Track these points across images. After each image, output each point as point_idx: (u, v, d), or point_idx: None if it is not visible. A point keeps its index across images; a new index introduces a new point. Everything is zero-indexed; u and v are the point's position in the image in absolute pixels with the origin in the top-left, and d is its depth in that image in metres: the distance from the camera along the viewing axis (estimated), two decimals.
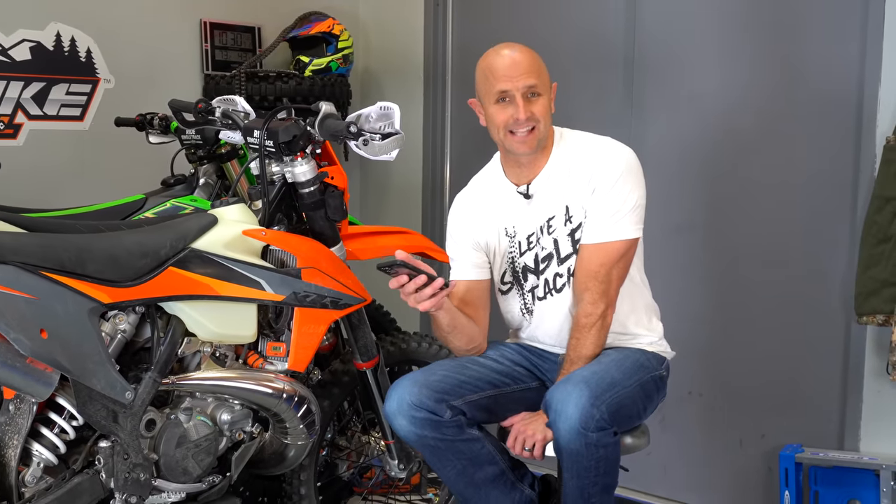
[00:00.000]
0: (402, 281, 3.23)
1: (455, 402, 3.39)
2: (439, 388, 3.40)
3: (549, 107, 3.50)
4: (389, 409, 3.42)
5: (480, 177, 3.78)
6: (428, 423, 3.36)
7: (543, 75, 3.48)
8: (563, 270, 3.56)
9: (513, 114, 3.42)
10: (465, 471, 3.46)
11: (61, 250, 3.06)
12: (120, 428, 3.16)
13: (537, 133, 3.46)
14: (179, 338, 3.30)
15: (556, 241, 3.56)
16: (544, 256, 3.58)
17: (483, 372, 3.55)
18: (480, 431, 3.48)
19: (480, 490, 3.51)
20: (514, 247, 3.63)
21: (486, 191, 3.71)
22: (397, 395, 3.41)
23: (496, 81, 3.45)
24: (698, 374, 4.79)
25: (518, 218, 3.62)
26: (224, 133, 3.76)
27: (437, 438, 3.38)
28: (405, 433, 3.41)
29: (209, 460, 3.40)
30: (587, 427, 3.11)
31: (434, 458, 3.47)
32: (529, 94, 3.43)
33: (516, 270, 3.65)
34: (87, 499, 3.16)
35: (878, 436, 4.34)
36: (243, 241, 3.39)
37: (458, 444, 3.41)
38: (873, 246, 4.11)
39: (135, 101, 4.91)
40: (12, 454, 3.05)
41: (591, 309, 3.45)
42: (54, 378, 3.03)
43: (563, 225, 3.54)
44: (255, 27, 5.63)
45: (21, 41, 4.75)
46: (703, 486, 4.91)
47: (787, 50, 4.54)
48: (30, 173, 4.67)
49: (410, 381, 3.44)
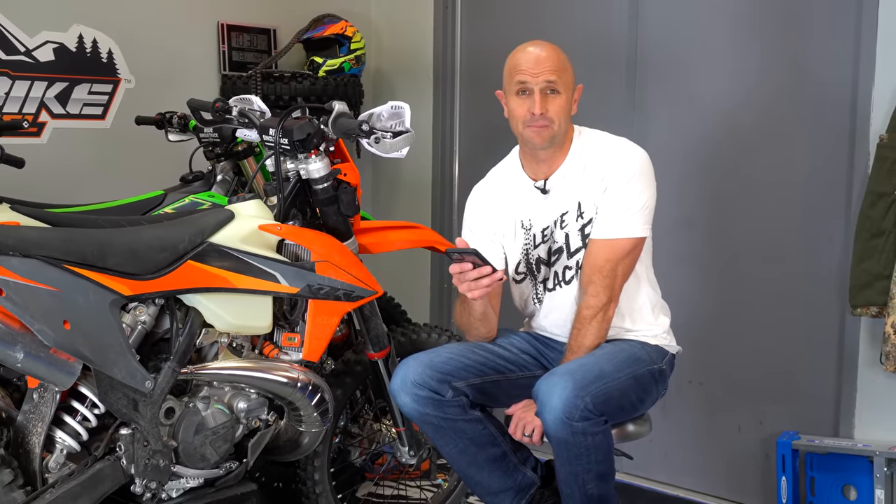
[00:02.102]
0: (465, 268, 3.22)
1: (458, 384, 3.40)
2: (443, 369, 3.40)
3: (568, 106, 3.49)
4: (394, 386, 3.44)
5: (498, 170, 3.77)
6: (430, 401, 3.37)
7: (565, 75, 3.47)
8: (572, 263, 3.56)
9: (530, 107, 3.43)
10: (466, 450, 3.47)
11: (84, 244, 3.06)
12: (140, 416, 3.16)
13: (552, 130, 3.46)
14: (197, 329, 3.30)
15: (567, 236, 3.56)
16: (556, 249, 3.58)
17: (489, 357, 3.55)
18: (483, 413, 3.48)
19: (482, 470, 3.51)
20: (530, 239, 3.63)
21: (504, 184, 3.71)
22: (402, 373, 3.42)
23: (518, 75, 3.47)
24: (699, 364, 4.78)
25: (534, 212, 3.62)
26: (241, 131, 3.76)
27: (438, 417, 3.39)
28: (408, 410, 3.42)
29: (226, 447, 3.40)
30: (571, 417, 3.11)
31: (436, 435, 3.47)
32: (548, 90, 3.44)
33: (530, 262, 3.65)
34: (109, 484, 3.16)
35: (872, 423, 4.33)
36: (259, 235, 3.39)
37: (459, 424, 3.42)
38: (867, 240, 4.10)
39: (154, 100, 4.90)
40: (36, 441, 3.05)
41: (594, 301, 3.44)
42: (77, 368, 3.03)
43: (574, 220, 3.53)
44: (270, 29, 5.62)
45: (45, 43, 4.74)
46: (703, 472, 4.90)
47: (784, 52, 4.53)
48: (53, 170, 4.66)
49: (416, 360, 3.45)
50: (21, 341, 2.93)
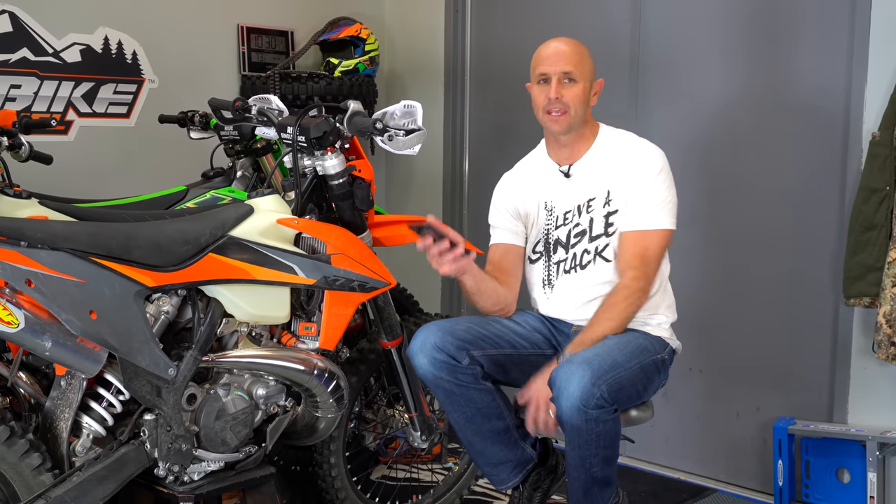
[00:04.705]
0: (427, 243, 3.21)
1: (475, 353, 3.41)
2: (462, 337, 3.41)
3: (585, 95, 3.54)
4: (413, 347, 3.43)
5: (526, 159, 3.82)
6: (446, 366, 3.37)
7: (583, 66, 3.53)
8: (591, 248, 3.56)
9: (548, 94, 3.50)
10: (473, 419, 3.47)
11: (109, 238, 3.07)
12: (163, 402, 3.16)
13: (568, 117, 3.51)
14: (218, 319, 3.30)
15: (591, 220, 3.56)
16: (578, 232, 3.58)
17: (504, 331, 3.56)
18: (493, 386, 3.49)
19: (486, 440, 3.51)
20: (552, 220, 3.64)
21: (531, 168, 3.75)
22: (422, 335, 3.42)
23: (539, 65, 3.55)
24: (699, 352, 4.77)
25: (557, 194, 3.64)
26: (260, 129, 3.75)
27: (451, 382, 3.39)
28: (423, 372, 3.41)
29: (246, 432, 3.39)
30: (587, 405, 3.10)
31: (447, 400, 3.46)
32: (565, 79, 3.50)
33: (549, 242, 3.65)
34: (133, 467, 3.17)
35: (865, 409, 4.33)
36: (277, 229, 3.38)
37: (470, 392, 3.42)
38: (860, 234, 4.10)
39: (177, 99, 4.90)
40: (64, 426, 3.07)
41: (632, 283, 3.44)
42: (102, 356, 3.05)
43: (601, 206, 3.55)
44: (288, 31, 5.61)
45: (72, 44, 4.74)
46: (703, 456, 4.89)
47: (780, 53, 4.51)
48: (80, 167, 4.67)
49: (437, 325, 3.46)
50: (49, 330, 2.94)
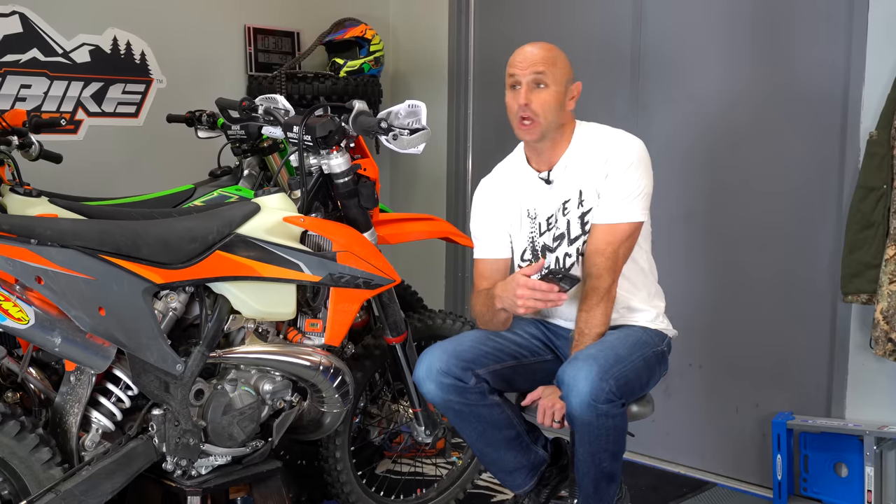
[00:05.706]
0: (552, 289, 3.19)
1: (479, 371, 3.39)
2: (466, 358, 3.39)
3: (558, 101, 3.43)
4: (419, 374, 3.41)
5: (504, 164, 3.74)
6: (454, 388, 3.35)
7: (555, 69, 3.43)
8: (572, 251, 3.53)
9: (517, 99, 3.43)
10: (485, 433, 3.46)
11: (118, 235, 3.07)
12: (171, 397, 3.16)
13: (538, 125, 3.43)
14: (225, 315, 3.29)
15: (568, 223, 3.53)
16: (557, 236, 3.55)
17: (505, 344, 3.54)
18: (500, 398, 3.48)
19: (499, 450, 3.51)
20: (535, 228, 3.61)
21: (510, 176, 3.68)
22: (427, 361, 3.40)
23: (510, 69, 3.47)
24: (699, 348, 4.77)
25: (539, 201, 3.59)
26: (266, 128, 3.74)
27: (461, 403, 3.38)
28: (432, 397, 3.40)
29: (252, 427, 3.39)
30: (597, 399, 3.09)
31: (458, 420, 3.46)
32: (535, 83, 3.41)
33: (536, 249, 3.62)
34: (142, 462, 3.17)
35: (862, 404, 4.33)
36: (284, 227, 3.37)
37: (479, 409, 3.41)
38: (857, 232, 4.10)
39: (185, 99, 4.89)
40: (73, 421, 3.07)
41: (598, 284, 3.40)
42: (111, 352, 3.04)
43: (575, 208, 3.50)
44: (294, 32, 5.60)
45: (81, 45, 4.74)
46: (703, 450, 4.89)
47: (779, 53, 4.50)
48: (89, 165, 4.66)
49: (440, 349, 3.43)
50: (59, 327, 2.94)
